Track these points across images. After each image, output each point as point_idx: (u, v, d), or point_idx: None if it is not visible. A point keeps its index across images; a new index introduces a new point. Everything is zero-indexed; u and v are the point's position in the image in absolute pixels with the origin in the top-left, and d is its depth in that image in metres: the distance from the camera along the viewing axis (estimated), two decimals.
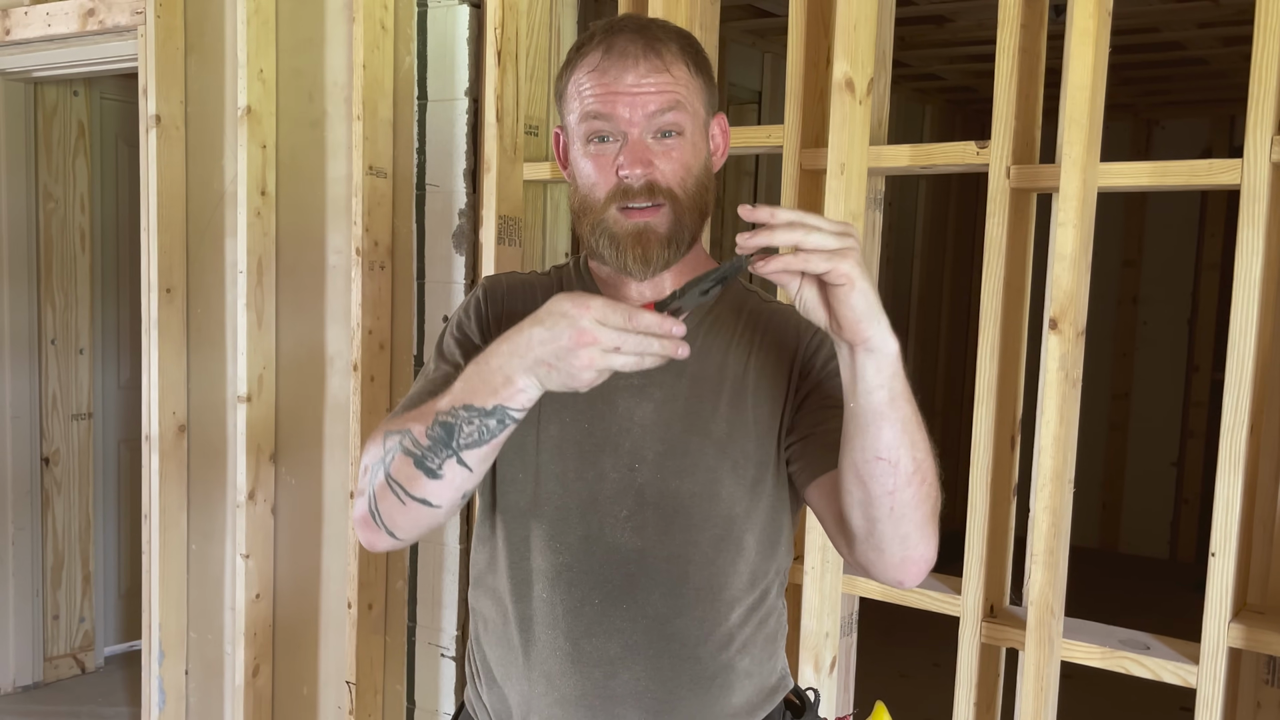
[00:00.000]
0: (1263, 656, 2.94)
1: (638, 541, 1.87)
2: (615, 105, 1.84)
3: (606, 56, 1.86)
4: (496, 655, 1.97)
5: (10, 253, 5.42)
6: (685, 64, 1.89)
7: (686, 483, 1.88)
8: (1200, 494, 8.53)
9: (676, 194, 1.87)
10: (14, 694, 5.62)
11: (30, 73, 5.25)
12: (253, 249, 4.32)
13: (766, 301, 2.05)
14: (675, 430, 1.89)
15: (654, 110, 1.84)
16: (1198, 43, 6.21)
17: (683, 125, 1.87)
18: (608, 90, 1.84)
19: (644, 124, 1.84)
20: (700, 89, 1.92)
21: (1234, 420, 2.76)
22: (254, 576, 4.43)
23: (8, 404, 5.48)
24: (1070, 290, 2.88)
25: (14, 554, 5.57)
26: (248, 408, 4.36)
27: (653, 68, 1.85)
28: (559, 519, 1.91)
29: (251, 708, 4.48)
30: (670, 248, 1.88)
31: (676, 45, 1.89)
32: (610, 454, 1.90)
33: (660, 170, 1.85)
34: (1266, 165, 2.70)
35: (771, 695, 2.01)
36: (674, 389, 1.91)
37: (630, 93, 1.83)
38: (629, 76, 1.84)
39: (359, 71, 3.96)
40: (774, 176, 6.42)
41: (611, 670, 1.86)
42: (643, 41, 1.86)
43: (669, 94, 1.85)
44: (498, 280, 2.09)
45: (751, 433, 1.91)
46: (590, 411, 1.91)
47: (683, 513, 1.87)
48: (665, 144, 1.86)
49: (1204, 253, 8.52)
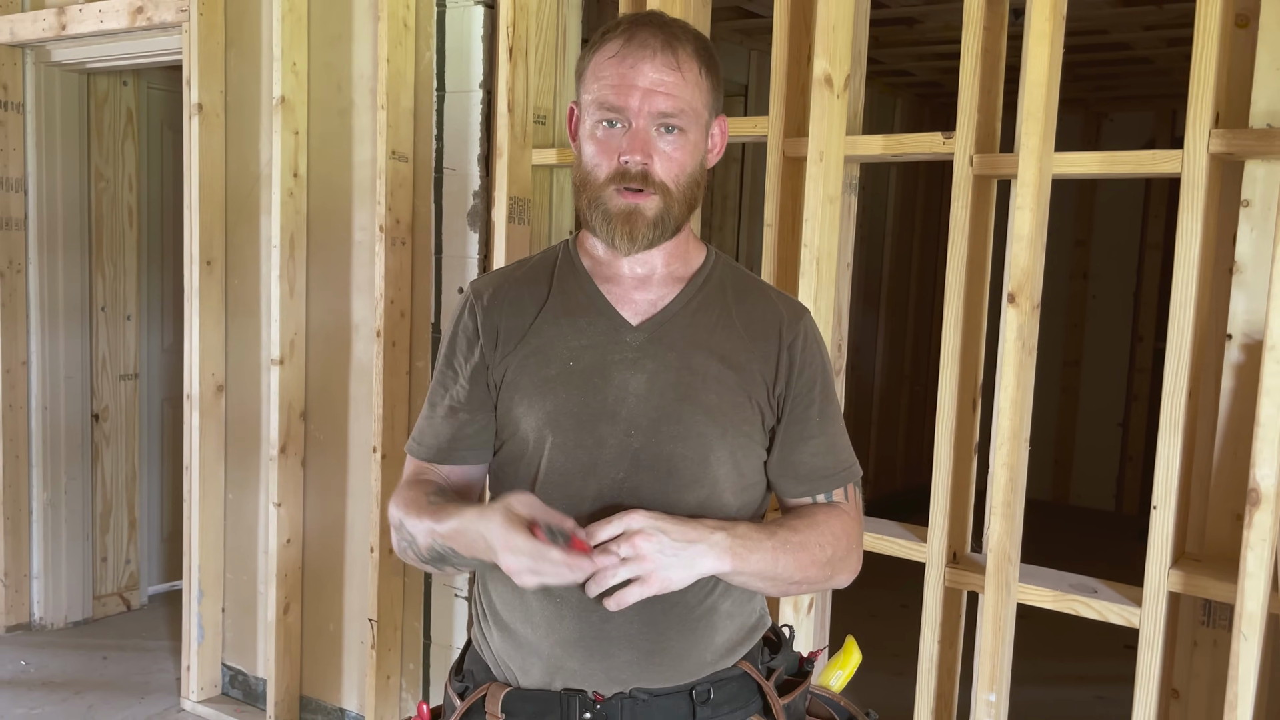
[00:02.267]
0: (1199, 600, 2.96)
1: (633, 501, 1.85)
2: (628, 96, 1.83)
3: (627, 46, 1.85)
4: (502, 600, 1.97)
5: (65, 227, 5.42)
6: (698, 66, 1.88)
7: (679, 447, 1.87)
8: (1143, 452, 8.54)
9: (669, 187, 1.87)
10: (66, 629, 5.63)
11: (84, 64, 5.24)
12: (286, 226, 4.33)
13: (751, 285, 2.05)
14: (668, 399, 1.88)
15: (662, 108, 1.84)
16: (1143, 44, 6.21)
17: (686, 125, 1.87)
18: (623, 80, 1.84)
19: (651, 117, 1.84)
20: (708, 91, 1.91)
21: (1174, 385, 2.77)
22: (285, 523, 4.44)
23: (61, 364, 5.48)
24: (1027, 267, 2.89)
25: (66, 502, 5.58)
26: (280, 370, 4.37)
27: (667, 64, 1.84)
28: (561, 483, 1.90)
29: (282, 642, 4.50)
30: (655, 230, 1.88)
31: (692, 47, 1.89)
32: (608, 422, 1.89)
33: (658, 162, 1.85)
34: (1204, 156, 2.71)
35: (751, 634, 2.02)
36: (665, 361, 1.90)
37: (643, 86, 1.83)
38: (645, 67, 1.83)
39: (383, 65, 3.96)
40: (759, 163, 6.42)
41: (607, 615, 1.85)
42: (663, 37, 1.86)
43: (677, 96, 1.85)
44: (481, 289, 2.06)
45: (738, 403, 1.90)
46: (587, 385, 1.90)
47: (675, 474, 1.87)
48: (667, 139, 1.86)
49: (1147, 234, 8.51)
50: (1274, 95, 2.77)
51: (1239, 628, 2.67)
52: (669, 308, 1.95)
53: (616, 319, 1.94)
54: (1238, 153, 2.75)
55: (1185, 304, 2.75)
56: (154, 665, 5.26)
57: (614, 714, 1.89)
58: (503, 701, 1.94)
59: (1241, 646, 2.67)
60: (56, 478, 5.54)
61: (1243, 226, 2.85)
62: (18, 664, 5.20)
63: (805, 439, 1.96)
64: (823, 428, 1.98)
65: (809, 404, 1.96)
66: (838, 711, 2.13)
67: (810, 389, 1.96)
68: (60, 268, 5.44)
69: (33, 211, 5.36)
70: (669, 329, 1.93)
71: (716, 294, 1.98)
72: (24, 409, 5.46)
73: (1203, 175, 2.72)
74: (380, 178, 4.03)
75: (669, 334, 1.92)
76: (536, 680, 1.93)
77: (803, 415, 1.96)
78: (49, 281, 5.42)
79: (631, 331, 1.92)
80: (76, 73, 5.40)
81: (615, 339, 1.92)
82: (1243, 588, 2.66)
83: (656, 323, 1.93)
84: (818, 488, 1.98)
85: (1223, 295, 2.90)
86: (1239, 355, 2.88)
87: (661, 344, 1.90)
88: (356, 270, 4.29)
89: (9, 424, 5.42)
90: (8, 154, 5.30)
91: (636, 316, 1.94)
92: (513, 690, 1.95)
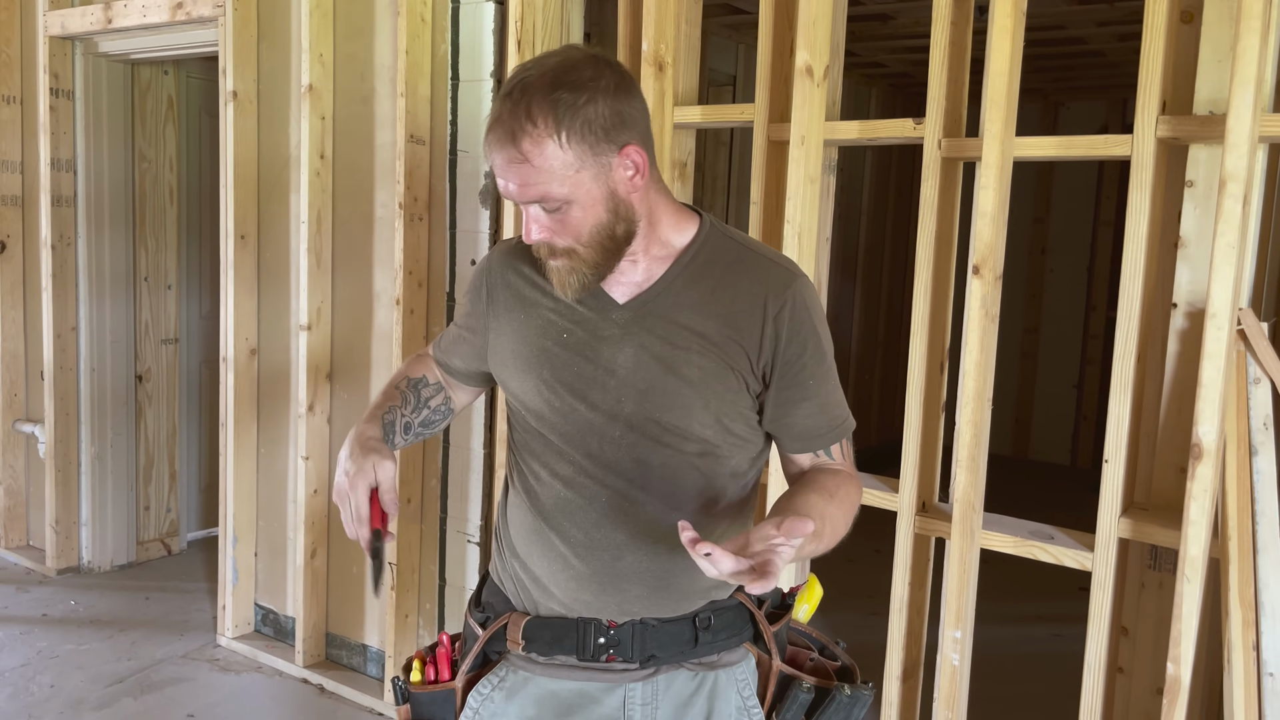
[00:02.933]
0: (1147, 545, 2.98)
1: (634, 454, 1.88)
2: (506, 185, 1.77)
3: (492, 131, 1.76)
4: (522, 538, 1.99)
5: (111, 205, 5.41)
6: (550, 141, 1.72)
7: (667, 416, 1.86)
8: (1096, 411, 8.53)
9: (575, 249, 1.80)
10: (112, 571, 5.65)
11: (128, 55, 5.23)
12: (313, 203, 4.33)
13: (743, 255, 1.95)
14: (654, 372, 1.86)
15: (531, 196, 1.76)
16: (1096, 39, 6.19)
17: (558, 198, 1.75)
18: (497, 170, 1.77)
19: (528, 199, 1.77)
20: (577, 155, 1.74)
21: (1124, 350, 2.78)
22: (312, 475, 4.45)
23: (108, 330, 5.48)
24: (990, 242, 2.90)
25: (112, 455, 5.59)
26: (308, 335, 4.38)
27: (513, 159, 1.73)
28: (565, 442, 1.91)
29: (310, 584, 4.52)
30: (581, 279, 1.83)
31: (541, 125, 1.71)
32: (598, 391, 1.88)
33: (555, 233, 1.80)
34: (1152, 140, 2.72)
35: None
36: (648, 338, 1.87)
37: (505, 178, 1.76)
38: (500, 160, 1.75)
39: (402, 56, 3.95)
40: (746, 146, 6.41)
41: (618, 554, 1.88)
42: (506, 128, 1.73)
43: (536, 183, 1.74)
44: (493, 258, 2.08)
45: (721, 374, 1.87)
46: (578, 359, 1.90)
47: (670, 432, 1.87)
48: (552, 215, 1.78)
49: (1100, 212, 8.50)
50: (1216, 85, 2.77)
51: (1183, 571, 2.69)
52: (655, 286, 1.89)
53: (604, 298, 1.90)
54: (1183, 137, 2.75)
55: (1135, 276, 2.76)
56: (192, 605, 5.27)
57: (626, 639, 1.92)
58: (524, 629, 1.96)
59: (1185, 588, 2.68)
60: (103, 433, 5.55)
61: (1187, 205, 2.86)
62: (68, 603, 5.22)
63: (797, 402, 1.92)
64: (815, 389, 1.92)
65: (799, 370, 1.90)
66: (811, 641, 2.14)
67: (800, 355, 1.90)
68: (107, 241, 5.44)
69: (81, 190, 5.35)
70: (653, 307, 1.88)
71: (705, 268, 1.91)
72: (73, 370, 5.46)
73: (1150, 158, 2.72)
74: (400, 159, 4.03)
75: (653, 312, 1.88)
76: (554, 610, 1.95)
77: (793, 381, 1.90)
78: (96, 254, 5.42)
79: (618, 310, 1.89)
80: (121, 63, 5.38)
81: (603, 317, 1.90)
82: (1186, 534, 2.68)
83: (641, 301, 1.89)
84: (813, 445, 1.95)
85: (1169, 268, 2.91)
86: (1183, 323, 2.89)
87: (645, 322, 1.87)
88: (378, 244, 4.29)
89: (60, 384, 5.43)
90: (59, 137, 5.29)
91: (624, 295, 1.90)
92: (533, 619, 1.97)
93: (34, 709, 4.17)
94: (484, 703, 2.00)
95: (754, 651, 2.04)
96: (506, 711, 1.99)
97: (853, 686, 2.00)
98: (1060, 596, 5.41)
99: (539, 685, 1.98)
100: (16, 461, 5.85)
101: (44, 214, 5.33)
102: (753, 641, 2.03)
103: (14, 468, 5.85)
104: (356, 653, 4.53)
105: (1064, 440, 8.88)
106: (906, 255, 8.58)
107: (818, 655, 2.11)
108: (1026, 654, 5.04)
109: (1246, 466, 2.71)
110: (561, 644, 1.94)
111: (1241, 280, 2.62)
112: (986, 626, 3.30)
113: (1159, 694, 2.94)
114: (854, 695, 1.98)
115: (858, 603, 5.24)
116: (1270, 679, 2.68)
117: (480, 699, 2.01)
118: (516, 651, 1.98)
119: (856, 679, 2.04)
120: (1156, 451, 2.97)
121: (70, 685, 4.38)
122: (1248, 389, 2.71)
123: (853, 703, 1.98)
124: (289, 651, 4.67)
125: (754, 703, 2.00)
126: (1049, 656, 5.01)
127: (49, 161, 5.27)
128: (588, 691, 1.96)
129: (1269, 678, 2.68)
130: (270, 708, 4.29)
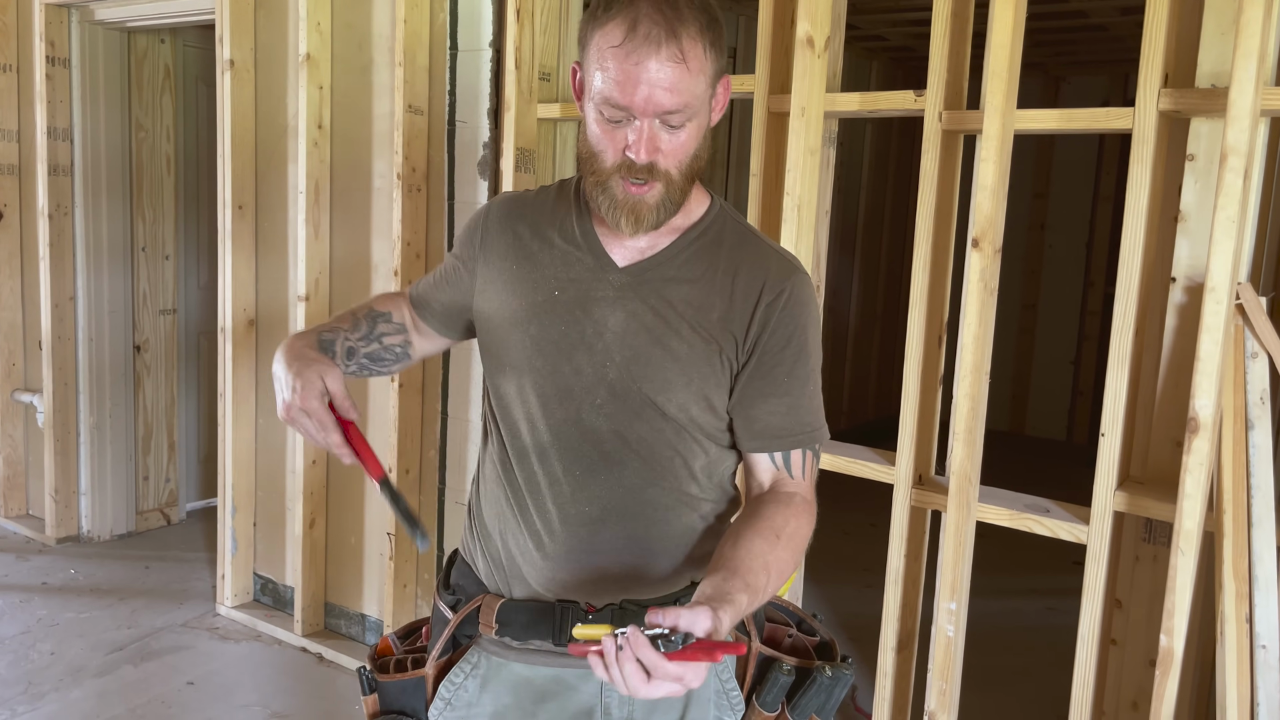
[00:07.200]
0: (1141, 519, 2.98)
1: (612, 424, 1.83)
2: (632, 95, 1.65)
3: (631, 38, 1.64)
4: (494, 513, 1.95)
5: (108, 174, 5.40)
6: (703, 46, 1.67)
7: (649, 386, 1.82)
8: (1093, 388, 8.55)
9: (673, 175, 1.73)
10: (112, 541, 5.66)
11: (124, 24, 5.21)
12: (311, 174, 4.32)
13: (748, 241, 1.91)
14: (641, 340, 1.82)
15: (668, 107, 1.65)
16: (1099, 12, 6.16)
17: (691, 116, 1.69)
18: (627, 78, 1.64)
19: (656, 114, 1.67)
20: (713, 63, 1.70)
21: (1122, 324, 2.78)
22: (310, 446, 4.45)
23: (106, 300, 5.48)
24: (990, 215, 2.89)
25: (111, 426, 5.60)
26: (306, 305, 4.37)
27: (672, 56, 1.63)
28: (542, 404, 1.86)
29: (308, 554, 4.53)
30: (659, 213, 1.76)
31: (696, 26, 1.65)
32: (585, 352, 1.83)
33: (664, 155, 1.71)
34: (1154, 114, 2.71)
35: None
36: (641, 305, 1.83)
37: (646, 85, 1.64)
38: (650, 64, 1.63)
39: (401, 25, 3.94)
40: (746, 118, 6.39)
41: (594, 529, 1.84)
42: (665, 27, 1.63)
43: (682, 90, 1.65)
44: (493, 204, 2.01)
45: (708, 354, 1.83)
46: (568, 316, 1.84)
47: (650, 406, 1.83)
48: (672, 132, 1.70)
49: (1100, 188, 8.49)
50: (1219, 58, 2.76)
51: (1177, 544, 2.69)
52: (657, 256, 1.85)
53: (604, 259, 1.86)
54: (1184, 110, 2.74)
55: (1134, 250, 2.76)
56: (191, 574, 5.29)
57: (605, 623, 1.83)
58: (498, 612, 1.91)
59: (1179, 561, 2.69)
60: (101, 403, 5.55)
61: (1187, 179, 2.86)
62: (68, 572, 5.23)
63: (765, 396, 1.85)
64: (788, 388, 1.85)
65: (776, 363, 1.84)
66: (788, 615, 2.12)
67: (781, 348, 1.84)
68: (104, 211, 5.43)
69: (78, 159, 5.34)
70: (651, 276, 1.84)
71: (710, 247, 1.87)
72: (71, 340, 5.46)
73: (1152, 131, 2.72)
74: (398, 130, 4.02)
75: (650, 280, 1.84)
76: (529, 592, 1.90)
77: (767, 373, 1.84)
78: (93, 224, 5.41)
79: (616, 272, 1.85)
80: (118, 31, 5.36)
81: (600, 277, 1.85)
82: (1181, 508, 2.68)
83: (641, 268, 1.84)
84: (771, 445, 1.86)
85: (1168, 242, 2.91)
86: (1182, 297, 2.89)
87: (640, 290, 1.83)
88: (376, 214, 4.28)
89: (58, 354, 5.42)
90: (55, 106, 5.27)
91: (625, 259, 1.85)
92: (508, 601, 1.92)
93: (34, 676, 4.18)
94: (457, 692, 1.96)
95: (731, 633, 1.98)
96: (480, 701, 1.95)
97: (833, 666, 1.94)
98: (1055, 570, 5.45)
99: (513, 672, 1.94)
100: (15, 431, 5.86)
101: (41, 183, 5.32)
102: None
103: (13, 437, 5.85)
104: (355, 622, 4.53)
105: (1060, 416, 8.89)
106: (906, 228, 8.59)
107: (795, 631, 2.08)
108: (1020, 626, 5.06)
109: (1243, 441, 2.72)
110: (537, 628, 1.89)
111: (1241, 254, 2.62)
112: (981, 600, 3.32)
113: (1152, 665, 2.95)
114: (835, 676, 1.93)
115: (854, 575, 5.26)
116: (1263, 651, 2.68)
117: (453, 689, 1.96)
118: (489, 635, 1.93)
119: (836, 654, 2.01)
120: (1153, 425, 2.97)
121: (70, 652, 4.40)
122: (1245, 363, 2.71)
123: (834, 683, 1.93)
124: (288, 620, 4.68)
125: (733, 685, 1.97)
126: (1043, 629, 5.04)
127: (45, 130, 5.26)
128: (564, 678, 1.92)
129: (1261, 650, 2.69)
130: (269, 676, 4.30)
